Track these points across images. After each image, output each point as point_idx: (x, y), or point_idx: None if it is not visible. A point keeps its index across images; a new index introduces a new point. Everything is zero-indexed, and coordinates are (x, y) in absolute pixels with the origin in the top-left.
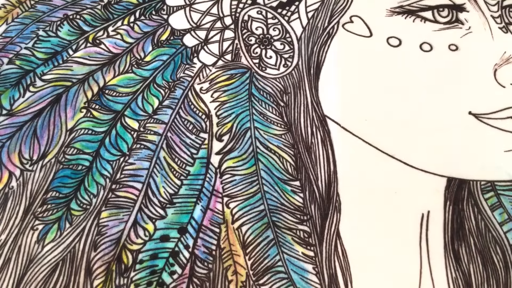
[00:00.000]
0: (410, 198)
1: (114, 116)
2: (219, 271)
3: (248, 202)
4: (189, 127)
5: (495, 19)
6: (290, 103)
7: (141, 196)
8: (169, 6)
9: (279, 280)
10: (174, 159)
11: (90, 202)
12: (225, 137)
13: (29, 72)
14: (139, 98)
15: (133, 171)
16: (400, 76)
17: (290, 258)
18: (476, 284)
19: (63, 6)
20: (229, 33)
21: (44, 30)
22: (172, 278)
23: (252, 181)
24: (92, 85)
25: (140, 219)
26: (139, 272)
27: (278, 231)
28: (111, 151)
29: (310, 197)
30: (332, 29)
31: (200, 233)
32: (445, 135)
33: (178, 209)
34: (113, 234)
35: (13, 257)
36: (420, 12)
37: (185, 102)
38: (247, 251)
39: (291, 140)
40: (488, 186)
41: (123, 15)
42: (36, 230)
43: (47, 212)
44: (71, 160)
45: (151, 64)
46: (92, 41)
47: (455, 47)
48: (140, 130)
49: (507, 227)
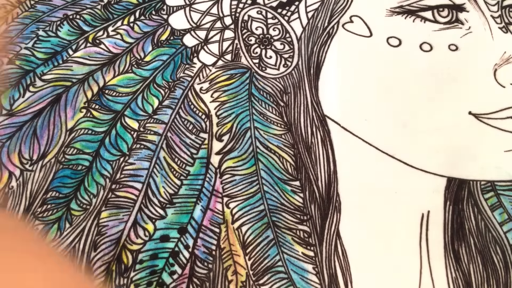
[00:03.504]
0: (410, 198)
1: (114, 116)
2: (219, 271)
3: (248, 202)
4: (189, 127)
5: (495, 19)
6: (290, 103)
7: (141, 196)
8: (169, 6)
9: (279, 280)
10: (174, 159)
11: (90, 202)
12: (225, 137)
13: (29, 72)
14: (139, 98)
15: (133, 171)
16: (400, 76)
17: (290, 258)
18: (476, 284)
19: (63, 6)
20: (229, 33)
21: (44, 30)
22: (172, 278)
23: (252, 181)
24: (92, 85)
25: (140, 219)
26: (139, 272)
27: (278, 231)
28: (111, 151)
29: (310, 197)
30: (332, 29)
31: (200, 233)
32: (445, 135)
33: (178, 209)
34: (113, 234)
35: None
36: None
37: (185, 102)
38: (247, 251)
39: (291, 140)
40: (488, 186)
41: (123, 15)
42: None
43: (47, 212)
44: (71, 160)
45: (151, 64)
46: (92, 41)
47: (455, 47)
48: (140, 130)
49: (507, 227)
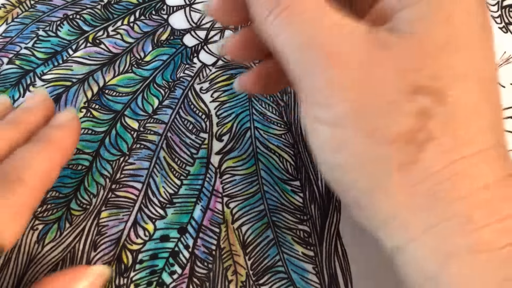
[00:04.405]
0: None
1: (114, 116)
2: (219, 271)
3: (248, 202)
4: (189, 127)
5: (495, 19)
6: (290, 103)
7: (141, 196)
8: (169, 6)
9: (279, 280)
10: (174, 159)
11: (90, 202)
12: (225, 137)
13: (29, 72)
14: (139, 98)
15: (133, 171)
16: None
17: (290, 258)
18: None
19: (63, 6)
20: (229, 33)
21: (44, 30)
22: (172, 278)
23: (252, 181)
24: (92, 85)
25: (140, 219)
26: (139, 272)
27: (278, 231)
28: (111, 151)
29: (310, 197)
30: None
31: (200, 233)
32: None
33: (178, 209)
34: (113, 234)
35: (13, 257)
36: None
37: (185, 102)
38: (247, 251)
39: (291, 140)
40: None
41: (123, 15)
42: (36, 230)
43: (47, 212)
44: (71, 160)
45: (151, 64)
46: (92, 41)
47: None
48: (140, 130)
49: None
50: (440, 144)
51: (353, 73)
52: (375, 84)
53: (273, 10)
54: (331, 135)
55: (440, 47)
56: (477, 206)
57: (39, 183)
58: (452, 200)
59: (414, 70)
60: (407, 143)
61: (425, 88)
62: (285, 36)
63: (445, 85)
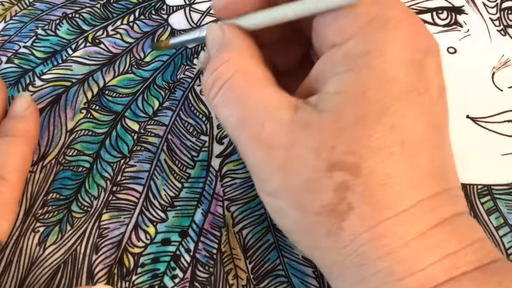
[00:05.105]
0: None
1: (115, 117)
2: (220, 275)
3: (248, 205)
4: (189, 129)
5: (493, 21)
6: None
7: (142, 199)
8: (169, 6)
9: (279, 283)
10: (175, 162)
11: (91, 204)
12: (226, 140)
13: (28, 71)
14: (139, 99)
15: (134, 173)
16: None
17: (290, 261)
18: None
19: (62, 4)
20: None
21: (43, 28)
22: (174, 282)
23: (252, 185)
24: (92, 85)
25: (141, 222)
26: (141, 275)
27: (279, 235)
28: (111, 153)
29: None
30: None
31: (201, 236)
32: None
33: (179, 212)
34: (115, 236)
35: (15, 260)
36: (419, 14)
37: (185, 104)
38: (247, 255)
39: None
40: (484, 190)
41: (123, 14)
42: (37, 233)
43: (48, 214)
44: (72, 162)
45: (151, 65)
46: (91, 41)
47: (454, 50)
48: (140, 132)
49: (503, 231)
50: (360, 213)
51: (277, 154)
52: (296, 164)
53: (211, 89)
54: (273, 205)
55: (353, 122)
56: (397, 261)
57: (18, 177)
58: (375, 258)
59: (330, 148)
60: (330, 214)
61: (339, 164)
62: (223, 115)
63: (359, 158)
